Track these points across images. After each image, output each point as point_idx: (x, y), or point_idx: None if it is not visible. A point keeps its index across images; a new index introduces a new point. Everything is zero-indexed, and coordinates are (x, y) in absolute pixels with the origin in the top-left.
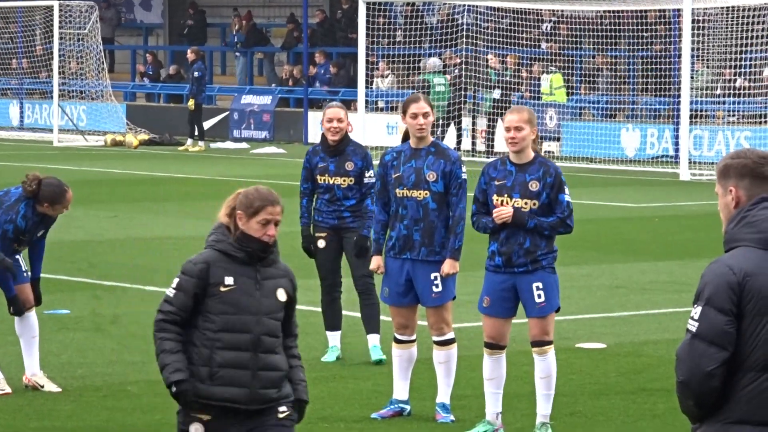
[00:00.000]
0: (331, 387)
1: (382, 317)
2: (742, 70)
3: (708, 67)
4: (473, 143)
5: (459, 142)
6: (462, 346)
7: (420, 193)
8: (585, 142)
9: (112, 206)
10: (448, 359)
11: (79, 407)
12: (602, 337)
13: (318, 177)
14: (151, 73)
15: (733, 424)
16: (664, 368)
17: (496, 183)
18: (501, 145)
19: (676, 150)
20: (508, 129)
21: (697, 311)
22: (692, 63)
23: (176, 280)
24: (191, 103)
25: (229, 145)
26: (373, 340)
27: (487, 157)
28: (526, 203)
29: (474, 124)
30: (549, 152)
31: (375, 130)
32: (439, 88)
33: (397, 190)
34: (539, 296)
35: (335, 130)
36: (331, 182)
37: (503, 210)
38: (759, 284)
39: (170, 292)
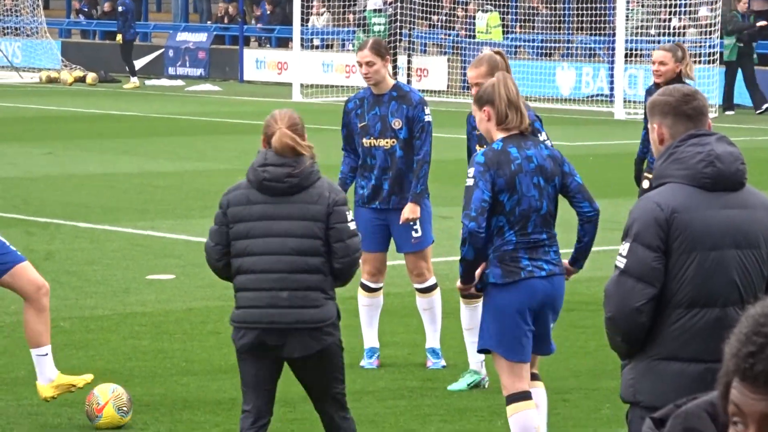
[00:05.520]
0: None
1: None
2: (678, 9)
3: (643, 6)
4: (408, 81)
5: None
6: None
7: (387, 142)
8: (520, 81)
9: (46, 143)
10: (431, 306)
11: (12, 343)
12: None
13: None
14: (86, 9)
15: (661, 360)
16: (596, 306)
17: (477, 133)
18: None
19: (611, 89)
20: (471, 86)
21: (625, 247)
22: (627, 2)
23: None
24: (119, 38)
25: (164, 82)
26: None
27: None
28: None
29: (410, 62)
30: None
31: (311, 68)
32: (378, 28)
33: (364, 140)
34: None
35: (656, 72)
36: None
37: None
38: (686, 221)
39: None
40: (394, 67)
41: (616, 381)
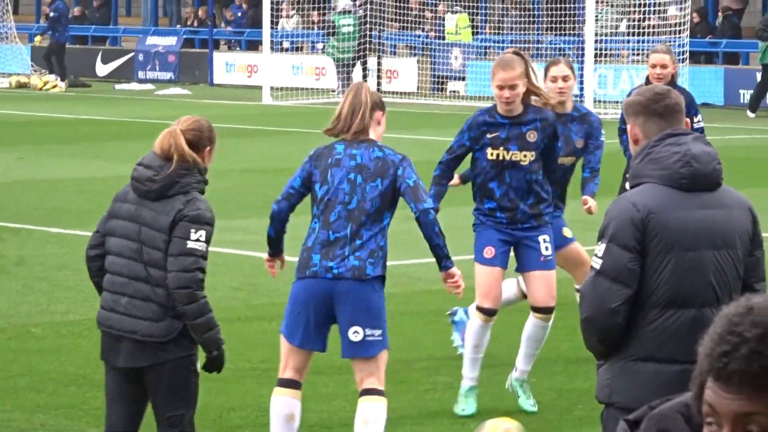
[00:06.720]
0: (236, 328)
1: None
2: (647, 9)
3: (612, 5)
4: (378, 83)
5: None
6: None
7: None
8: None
9: (17, 148)
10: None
11: None
12: (509, 276)
13: None
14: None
15: (637, 361)
16: (569, 307)
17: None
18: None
19: (581, 89)
20: (503, 87)
21: (601, 248)
22: (596, 2)
23: (205, 234)
24: (38, 39)
25: (134, 86)
26: None
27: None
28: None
29: (379, 64)
30: (455, 92)
31: (281, 71)
32: (346, 29)
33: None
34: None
35: (659, 76)
36: None
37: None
38: (663, 221)
39: (204, 248)
40: (364, 69)
41: (588, 382)
